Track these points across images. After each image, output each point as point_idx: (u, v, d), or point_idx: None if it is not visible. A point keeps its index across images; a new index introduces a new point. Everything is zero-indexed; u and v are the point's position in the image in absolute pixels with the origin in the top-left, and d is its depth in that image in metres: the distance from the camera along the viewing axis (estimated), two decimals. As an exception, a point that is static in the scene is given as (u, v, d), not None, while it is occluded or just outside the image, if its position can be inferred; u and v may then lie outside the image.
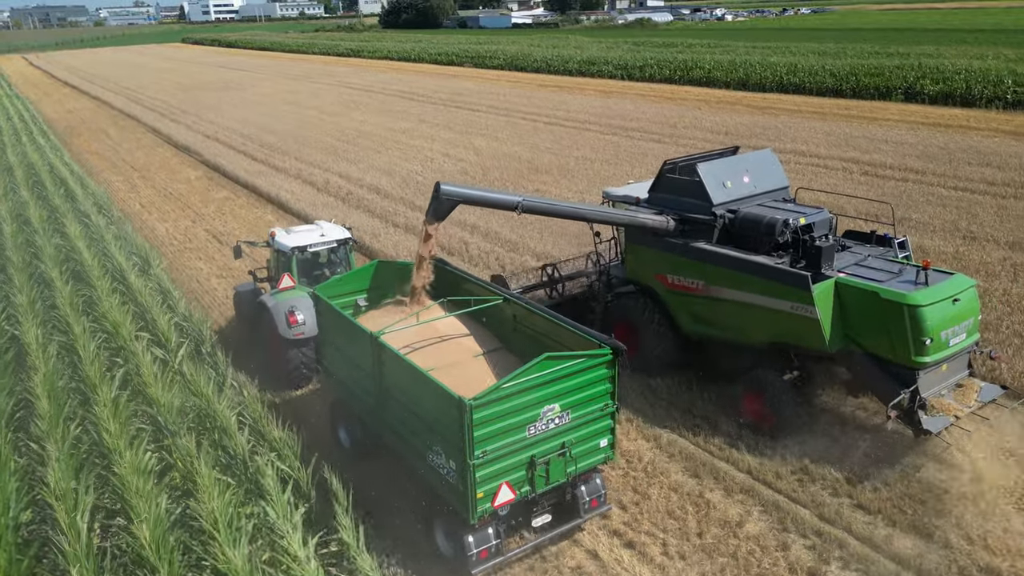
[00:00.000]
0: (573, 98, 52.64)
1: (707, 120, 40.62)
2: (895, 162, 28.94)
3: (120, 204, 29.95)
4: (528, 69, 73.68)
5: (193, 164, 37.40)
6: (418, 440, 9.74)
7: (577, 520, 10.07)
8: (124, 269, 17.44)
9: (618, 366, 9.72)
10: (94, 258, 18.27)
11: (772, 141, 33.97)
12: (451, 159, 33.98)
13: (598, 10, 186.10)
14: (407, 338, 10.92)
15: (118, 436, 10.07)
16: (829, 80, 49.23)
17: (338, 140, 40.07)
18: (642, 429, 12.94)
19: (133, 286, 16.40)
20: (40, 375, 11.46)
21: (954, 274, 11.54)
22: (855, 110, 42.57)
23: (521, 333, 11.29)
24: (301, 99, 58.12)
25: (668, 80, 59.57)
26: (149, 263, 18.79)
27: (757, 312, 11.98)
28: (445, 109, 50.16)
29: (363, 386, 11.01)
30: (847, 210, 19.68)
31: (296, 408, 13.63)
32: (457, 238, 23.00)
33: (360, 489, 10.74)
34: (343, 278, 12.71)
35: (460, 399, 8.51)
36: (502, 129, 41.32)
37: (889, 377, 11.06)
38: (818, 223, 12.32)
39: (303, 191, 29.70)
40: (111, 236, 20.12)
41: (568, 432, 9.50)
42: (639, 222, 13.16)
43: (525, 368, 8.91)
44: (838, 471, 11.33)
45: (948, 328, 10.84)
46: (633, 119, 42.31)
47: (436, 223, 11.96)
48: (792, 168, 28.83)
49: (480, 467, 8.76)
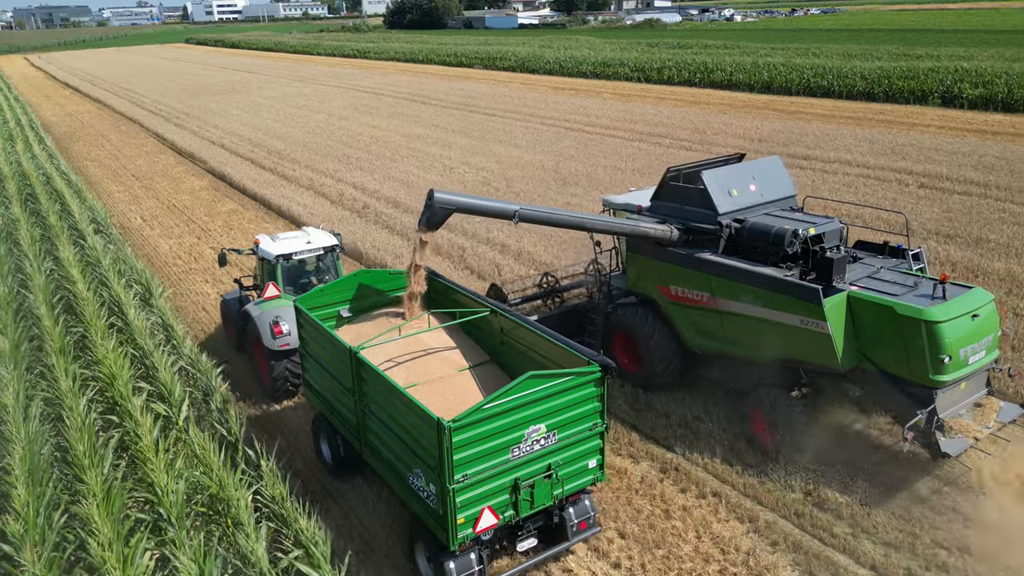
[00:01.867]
0: (591, 102, 50.65)
1: (737, 126, 38.60)
2: (951, 173, 26.89)
3: (120, 218, 28.03)
4: (540, 71, 71.78)
5: (198, 173, 35.46)
6: (398, 461, 9.34)
7: (565, 544, 9.59)
8: (122, 301, 15.48)
9: (607, 383, 9.27)
10: (89, 287, 16.30)
11: (812, 148, 31.98)
12: (471, 168, 31.99)
13: (605, 10, 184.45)
14: (390, 352, 10.53)
15: (108, 542, 8.09)
16: (860, 83, 47.20)
17: (350, 147, 38.10)
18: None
19: (132, 323, 14.44)
20: (18, 453, 9.46)
21: (973, 288, 10.89)
22: (890, 115, 40.56)
23: (509, 346, 10.84)
24: (309, 103, 56.18)
25: (687, 83, 57.61)
26: (151, 291, 16.83)
27: (765, 326, 11.44)
28: (459, 113, 48.19)
29: (344, 402, 10.53)
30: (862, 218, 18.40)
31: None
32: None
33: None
34: (325, 288, 12.15)
35: (439, 420, 8.04)
36: (521, 135, 39.34)
37: (905, 397, 10.54)
38: (828, 233, 11.72)
39: (316, 204, 27.73)
40: (109, 260, 18.16)
41: (554, 453, 9.09)
42: (641, 232, 12.58)
43: (508, 388, 8.44)
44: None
45: (967, 345, 10.28)
46: (658, 124, 40.30)
47: (430, 232, 11.51)
48: (841, 180, 26.85)
49: (460, 491, 8.38)
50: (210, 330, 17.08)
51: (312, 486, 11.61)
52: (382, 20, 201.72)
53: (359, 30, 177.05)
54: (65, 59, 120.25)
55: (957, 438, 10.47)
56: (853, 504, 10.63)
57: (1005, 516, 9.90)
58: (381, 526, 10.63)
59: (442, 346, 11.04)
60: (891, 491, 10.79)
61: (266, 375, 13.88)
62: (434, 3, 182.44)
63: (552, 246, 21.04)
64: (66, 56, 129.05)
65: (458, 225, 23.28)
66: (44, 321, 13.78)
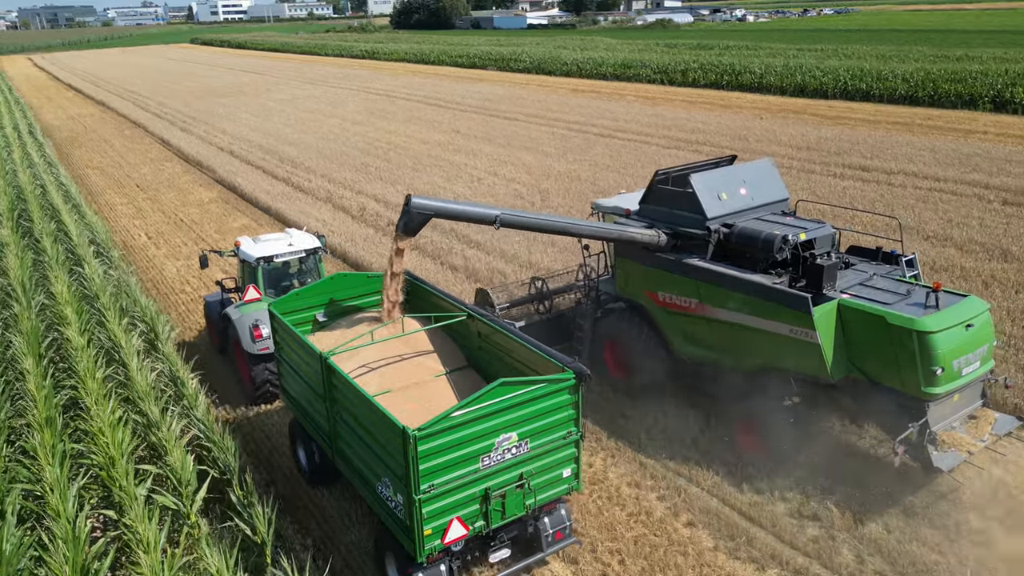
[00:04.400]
0: (616, 105, 48.29)
1: (780, 132, 36.20)
2: (1033, 187, 24.51)
3: (123, 235, 25.74)
4: (557, 73, 69.48)
5: (206, 183, 33.15)
6: (367, 469, 9.11)
7: (540, 554, 9.31)
8: (123, 348, 13.16)
9: (582, 391, 8.99)
10: (84, 330, 13.96)
11: (869, 158, 29.57)
12: (500, 179, 29.61)
13: (614, 11, 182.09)
14: (366, 357, 10.37)
15: None
16: (901, 86, 44.75)
17: (368, 155, 35.76)
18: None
19: (135, 378, 12.11)
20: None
21: (967, 296, 10.53)
22: (939, 120, 38.15)
23: (487, 352, 10.59)
24: (321, 106, 53.86)
25: (714, 85, 55.25)
26: (156, 332, 14.52)
27: (753, 335, 11.12)
28: (479, 118, 45.84)
29: (317, 408, 10.33)
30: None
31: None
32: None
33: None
34: (301, 292, 11.90)
35: (404, 429, 7.79)
36: (548, 142, 36.99)
37: (896, 409, 10.27)
38: (820, 239, 11.46)
39: (336, 220, 25.39)
40: (109, 295, 15.82)
41: (527, 462, 8.80)
42: (628, 236, 12.27)
43: (477, 395, 8.19)
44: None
45: (961, 356, 9.95)
46: (694, 130, 37.90)
47: (407, 238, 11.21)
48: (912, 194, 24.45)
49: (427, 502, 8.12)
50: (228, 381, 14.78)
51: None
52: (388, 20, 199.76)
53: (366, 30, 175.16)
54: (69, 59, 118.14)
55: (950, 452, 10.16)
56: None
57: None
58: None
59: (420, 351, 10.81)
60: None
61: (247, 379, 13.73)
62: (441, 3, 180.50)
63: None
64: (70, 56, 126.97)
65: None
66: (29, 381, 11.41)
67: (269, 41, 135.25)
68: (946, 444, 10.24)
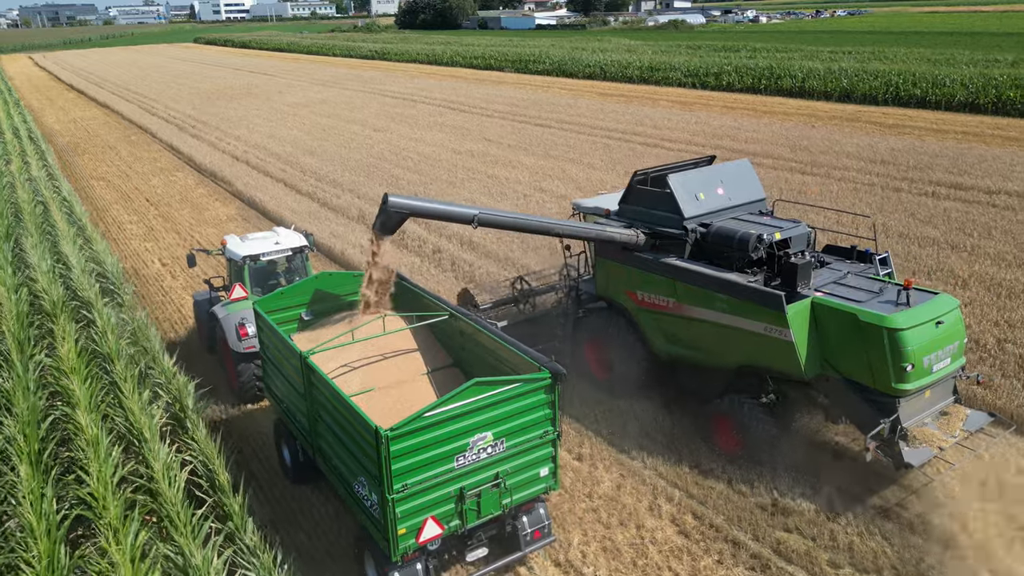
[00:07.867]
0: (651, 111, 45.43)
1: (846, 143, 33.31)
2: None
3: (133, 260, 22.88)
4: (579, 75, 66.65)
5: (223, 197, 30.25)
6: (345, 468, 9.06)
7: (518, 553, 9.33)
8: (145, 437, 10.26)
9: (558, 390, 8.91)
10: (90, 407, 11.04)
11: (956, 174, 26.71)
12: (550, 196, 26.67)
13: (623, 11, 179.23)
14: (349, 356, 10.48)
15: None
16: (960, 92, 41.88)
17: (397, 166, 32.88)
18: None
19: (160, 483, 9.24)
20: None
21: (938, 294, 10.69)
22: (1012, 130, 35.30)
23: (469, 351, 10.68)
24: (338, 110, 50.93)
25: (751, 89, 52.47)
26: (184, 408, 11.63)
27: (729, 333, 11.26)
28: (508, 124, 42.95)
29: (299, 407, 10.32)
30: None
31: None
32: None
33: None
34: (285, 291, 12.00)
35: (376, 429, 7.77)
36: (591, 152, 34.12)
37: (868, 405, 10.40)
38: (795, 238, 11.67)
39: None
40: (119, 352, 12.94)
41: (503, 462, 8.78)
42: (607, 236, 12.44)
43: (451, 395, 8.18)
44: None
45: (931, 353, 10.07)
46: (748, 140, 35.04)
47: (384, 237, 11.19)
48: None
49: (401, 501, 8.10)
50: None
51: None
52: (393, 20, 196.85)
53: (371, 30, 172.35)
54: (70, 59, 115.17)
55: (921, 448, 10.32)
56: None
57: None
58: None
59: (404, 350, 10.88)
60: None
61: (234, 377, 13.74)
62: (448, 3, 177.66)
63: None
64: (72, 55, 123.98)
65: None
66: (24, 500, 8.53)
67: (274, 41, 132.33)
68: (917, 440, 10.37)
